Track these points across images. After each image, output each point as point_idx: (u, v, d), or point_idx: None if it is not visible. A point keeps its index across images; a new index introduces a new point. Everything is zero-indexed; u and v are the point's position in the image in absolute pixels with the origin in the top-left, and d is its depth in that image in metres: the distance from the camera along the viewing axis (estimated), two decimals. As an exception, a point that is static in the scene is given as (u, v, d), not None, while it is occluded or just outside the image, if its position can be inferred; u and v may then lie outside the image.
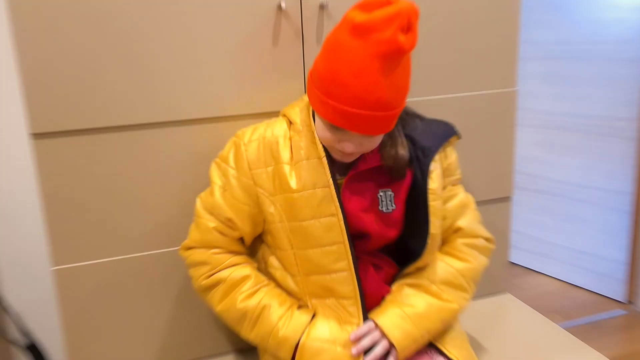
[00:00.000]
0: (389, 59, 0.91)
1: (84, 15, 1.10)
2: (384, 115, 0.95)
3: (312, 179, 1.04)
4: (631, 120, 2.17)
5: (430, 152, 1.09)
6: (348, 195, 1.07)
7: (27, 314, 1.47)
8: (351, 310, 1.07)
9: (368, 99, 0.93)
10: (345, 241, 1.05)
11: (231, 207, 1.09)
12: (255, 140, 1.09)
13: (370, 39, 0.90)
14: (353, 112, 0.93)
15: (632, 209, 2.24)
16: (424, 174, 1.08)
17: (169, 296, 1.29)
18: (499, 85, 1.45)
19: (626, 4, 2.12)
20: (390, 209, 1.09)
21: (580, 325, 2.21)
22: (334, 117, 0.96)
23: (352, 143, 0.99)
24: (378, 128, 0.97)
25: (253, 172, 1.07)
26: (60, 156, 1.14)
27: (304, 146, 1.06)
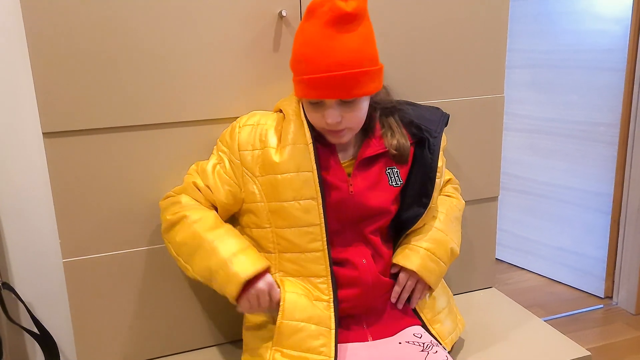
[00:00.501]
0: (337, 24, 1.01)
1: (94, 21, 1.13)
2: (343, 74, 1.01)
3: (296, 163, 1.10)
4: (612, 126, 2.22)
5: (437, 134, 1.19)
6: (357, 176, 1.15)
7: (39, 304, 1.50)
8: (322, 287, 1.12)
9: (326, 61, 1.02)
10: (322, 223, 1.10)
11: (217, 178, 1.16)
12: (250, 125, 1.16)
13: (315, 14, 1.03)
14: (317, 77, 1.02)
15: (611, 209, 2.29)
16: (434, 154, 1.17)
17: (175, 288, 1.32)
18: (487, 91, 1.49)
19: (609, 15, 2.16)
20: (399, 183, 1.17)
21: (560, 318, 2.25)
22: (307, 91, 1.06)
23: (331, 116, 1.06)
24: (344, 89, 1.03)
25: (241, 153, 1.14)
26: (70, 154, 1.17)
27: (292, 132, 1.12)
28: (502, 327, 1.41)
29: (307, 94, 1.07)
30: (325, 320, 1.09)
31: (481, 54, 1.47)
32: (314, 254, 1.12)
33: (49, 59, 1.12)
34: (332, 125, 1.07)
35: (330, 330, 1.09)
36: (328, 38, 1.02)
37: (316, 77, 1.02)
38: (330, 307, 1.11)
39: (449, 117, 1.26)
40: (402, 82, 1.37)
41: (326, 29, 1.02)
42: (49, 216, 1.46)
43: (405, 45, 1.39)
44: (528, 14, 2.45)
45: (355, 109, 1.08)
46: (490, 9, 1.45)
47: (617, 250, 2.33)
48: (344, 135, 1.11)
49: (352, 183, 1.14)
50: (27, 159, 1.42)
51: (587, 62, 2.26)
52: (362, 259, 1.15)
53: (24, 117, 1.41)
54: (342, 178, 1.14)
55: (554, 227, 2.52)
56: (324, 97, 1.05)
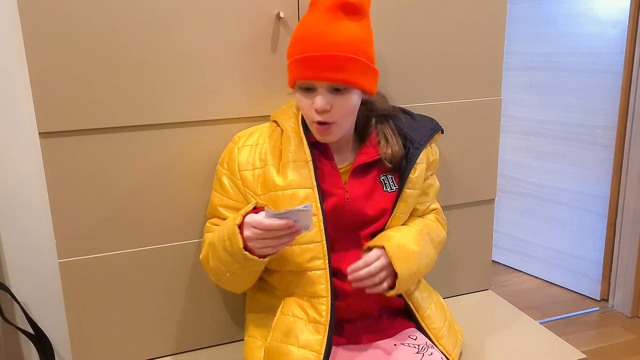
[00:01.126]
0: (337, 11, 1.04)
1: (91, 21, 1.13)
2: (339, 56, 1.02)
3: (297, 180, 1.10)
4: (608, 129, 2.23)
5: (419, 145, 1.18)
6: (353, 183, 1.15)
7: (34, 305, 1.50)
8: (320, 309, 1.09)
9: (320, 41, 1.03)
10: (323, 241, 1.09)
11: (224, 208, 1.17)
12: (248, 146, 1.16)
13: (318, 3, 1.06)
14: (311, 56, 1.03)
15: (607, 212, 2.30)
16: (410, 163, 1.16)
17: (170, 289, 1.32)
18: (484, 94, 1.50)
19: (606, 18, 2.17)
20: (394, 189, 1.17)
21: (556, 320, 2.26)
22: (298, 71, 1.06)
23: (321, 100, 1.05)
24: (335, 70, 1.03)
25: (241, 173, 1.14)
26: (67, 154, 1.17)
27: (292, 150, 1.12)
28: (498, 330, 1.42)
29: (298, 75, 1.06)
30: (314, 345, 1.06)
31: (479, 57, 1.47)
32: (315, 272, 1.10)
33: (46, 59, 1.12)
34: (321, 111, 1.06)
35: (320, 355, 1.05)
36: (326, 22, 1.04)
37: (309, 56, 1.03)
38: (324, 330, 1.07)
39: (442, 129, 1.27)
40: (400, 85, 1.38)
41: (326, 14, 1.04)
42: (44, 216, 1.46)
43: (403, 48, 1.39)
44: (526, 16, 2.47)
45: (345, 99, 1.07)
46: (487, 12, 1.45)
47: (613, 252, 2.34)
48: (331, 131, 1.10)
49: (348, 190, 1.14)
50: (24, 159, 1.42)
51: (585, 64, 2.27)
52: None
53: (20, 117, 1.41)
54: (338, 185, 1.14)
55: (551, 229, 2.53)
56: (315, 77, 1.04)
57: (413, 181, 1.17)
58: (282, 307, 1.12)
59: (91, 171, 1.20)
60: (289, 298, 1.13)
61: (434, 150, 1.26)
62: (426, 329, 1.18)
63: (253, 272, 1.10)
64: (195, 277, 1.34)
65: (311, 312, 1.09)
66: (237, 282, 1.12)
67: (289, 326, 1.09)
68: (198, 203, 1.29)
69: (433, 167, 1.27)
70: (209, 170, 1.27)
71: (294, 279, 1.12)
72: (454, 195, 1.52)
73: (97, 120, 1.18)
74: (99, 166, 1.20)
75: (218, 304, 1.37)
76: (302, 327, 1.08)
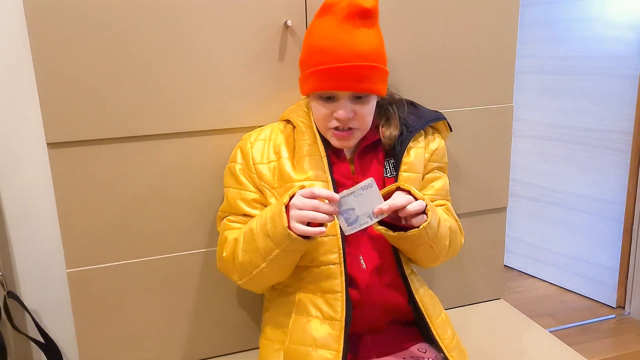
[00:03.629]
0: (355, 19, 1.03)
1: (98, 32, 1.13)
2: (362, 66, 1.02)
3: (314, 173, 1.11)
4: (624, 134, 2.20)
5: (414, 129, 1.18)
6: (359, 171, 1.15)
7: (44, 313, 1.51)
8: (335, 304, 1.08)
9: (343, 52, 1.02)
10: (337, 234, 1.09)
11: (244, 203, 1.15)
12: (262, 140, 1.17)
13: (332, 10, 1.05)
14: (334, 67, 1.02)
15: (623, 218, 2.26)
16: (402, 146, 1.16)
17: (178, 298, 1.32)
18: (496, 101, 1.48)
19: (622, 22, 2.13)
20: (394, 174, 1.16)
21: (571, 328, 2.22)
22: (321, 83, 1.05)
23: (343, 110, 1.05)
24: (359, 80, 1.04)
25: (256, 167, 1.15)
26: (74, 164, 1.18)
27: (307, 145, 1.13)
28: (508, 341, 1.41)
29: (321, 86, 1.05)
30: (331, 344, 1.06)
31: (490, 64, 1.46)
32: (330, 267, 1.09)
33: (53, 71, 1.13)
34: (343, 120, 1.07)
35: (338, 352, 1.05)
36: (346, 31, 1.03)
37: (332, 67, 1.02)
38: (340, 326, 1.07)
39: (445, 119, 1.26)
40: (411, 91, 1.37)
41: (345, 23, 1.03)
42: (54, 226, 1.47)
43: (414, 55, 1.38)
44: (539, 20, 2.44)
45: (366, 106, 1.08)
46: (499, 19, 1.44)
47: (630, 259, 2.30)
48: (351, 137, 1.11)
49: (358, 180, 1.11)
50: (33, 169, 1.43)
51: (600, 68, 2.24)
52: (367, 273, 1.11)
53: (28, 128, 1.42)
54: (347, 176, 1.15)
55: (566, 235, 2.50)
56: (339, 88, 1.04)
57: (409, 165, 1.16)
58: (296, 308, 1.12)
59: (98, 181, 1.21)
60: (303, 296, 1.12)
61: (436, 140, 1.24)
62: (438, 339, 1.14)
63: (291, 260, 1.08)
64: (203, 286, 1.34)
65: (326, 309, 1.09)
66: (269, 274, 1.08)
67: (304, 328, 1.09)
68: (206, 212, 1.30)
69: (437, 159, 1.23)
70: (217, 180, 1.27)
71: (307, 275, 1.11)
72: (465, 203, 1.51)
73: (104, 130, 1.19)
74: (106, 176, 1.21)
75: (226, 313, 1.37)
76: (318, 326, 1.08)
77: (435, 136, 1.25)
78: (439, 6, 1.37)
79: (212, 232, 1.30)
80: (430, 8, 1.37)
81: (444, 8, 1.38)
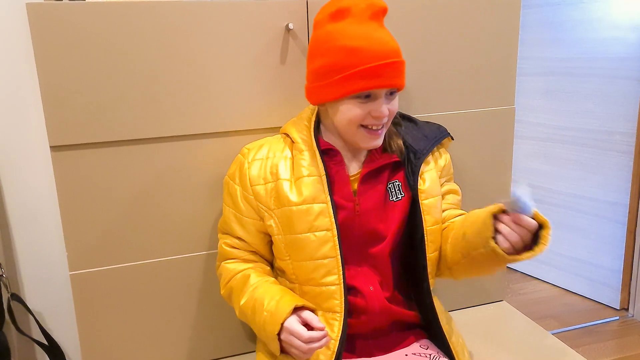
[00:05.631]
0: (379, 17, 1.05)
1: (101, 35, 1.14)
2: (399, 62, 1.04)
3: (311, 195, 1.08)
4: (627, 135, 2.19)
5: (421, 154, 1.16)
6: (362, 194, 1.12)
7: (48, 315, 1.52)
8: (332, 324, 1.08)
9: (384, 49, 1.02)
10: (337, 256, 1.08)
11: (239, 225, 1.15)
12: (259, 160, 1.14)
13: (352, 12, 1.04)
14: (379, 65, 1.01)
15: (626, 219, 2.25)
16: (415, 174, 1.14)
17: (180, 301, 1.33)
18: (497, 103, 1.48)
19: (625, 23, 2.13)
20: (400, 197, 1.14)
21: (575, 330, 2.22)
22: (363, 82, 1.02)
23: (384, 107, 1.05)
24: (398, 77, 1.04)
25: (253, 188, 1.12)
26: (77, 167, 1.18)
27: (305, 164, 1.10)
28: (511, 343, 1.40)
29: (364, 86, 1.02)
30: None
31: (492, 66, 1.46)
32: (329, 288, 1.09)
33: (56, 75, 1.13)
34: (381, 118, 1.05)
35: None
36: (376, 30, 1.04)
37: (376, 65, 1.01)
38: (334, 345, 1.06)
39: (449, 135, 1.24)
40: (412, 94, 1.37)
41: (371, 23, 1.04)
42: (57, 228, 1.48)
43: (415, 58, 1.38)
44: (542, 21, 2.43)
45: (395, 102, 1.08)
46: (500, 22, 1.44)
47: (633, 261, 2.29)
48: (381, 134, 1.09)
49: (359, 202, 1.12)
50: (36, 172, 1.44)
51: (603, 70, 2.23)
52: (369, 286, 1.12)
53: (31, 131, 1.43)
54: (348, 197, 1.12)
55: (569, 237, 2.49)
56: (383, 85, 1.03)
57: (426, 192, 1.15)
58: None
59: (101, 184, 1.21)
60: None
61: (443, 156, 1.22)
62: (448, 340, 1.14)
63: None
64: (205, 288, 1.34)
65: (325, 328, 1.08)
66: None
67: None
68: (208, 215, 1.30)
69: (445, 173, 1.23)
70: (218, 183, 1.27)
71: (309, 291, 1.11)
72: (467, 206, 1.50)
73: (107, 133, 1.19)
74: (109, 179, 1.21)
75: (228, 316, 1.37)
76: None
77: (442, 152, 1.23)
78: (440, 8, 1.37)
79: (213, 236, 1.31)
80: (431, 10, 1.37)
81: (444, 10, 1.38)
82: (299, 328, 0.99)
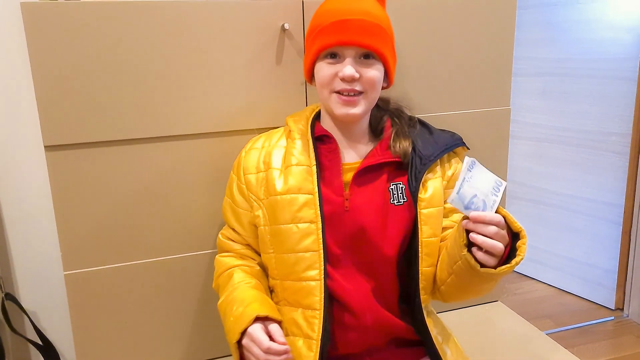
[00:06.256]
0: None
1: (94, 35, 1.13)
2: (367, 21, 1.00)
3: (297, 184, 1.04)
4: (623, 136, 2.19)
5: (427, 160, 1.08)
6: (355, 189, 1.06)
7: (42, 315, 1.52)
8: (313, 322, 1.03)
9: (350, 8, 1.00)
10: (320, 250, 1.03)
11: (234, 216, 1.14)
12: (256, 149, 1.13)
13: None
14: (338, 21, 1.00)
15: (622, 220, 2.26)
16: (417, 181, 1.06)
17: (175, 301, 1.32)
18: (493, 104, 1.48)
19: (621, 24, 2.13)
20: (402, 202, 1.06)
21: (570, 330, 2.22)
22: (324, 38, 1.01)
23: (348, 68, 1.00)
24: (367, 37, 1.00)
25: (246, 177, 1.11)
26: (72, 167, 1.18)
27: (296, 153, 1.07)
28: (506, 343, 1.40)
29: (327, 42, 1.00)
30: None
31: (487, 67, 1.46)
32: (310, 283, 1.04)
33: (51, 74, 1.13)
34: (348, 79, 1.00)
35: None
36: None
37: (337, 21, 0.99)
38: (316, 346, 1.01)
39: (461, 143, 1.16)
40: (408, 94, 1.36)
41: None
42: (51, 228, 1.47)
43: (411, 58, 1.38)
44: (538, 22, 2.43)
45: (371, 68, 1.02)
46: (495, 23, 1.44)
47: (628, 261, 2.30)
48: (357, 103, 1.03)
49: (349, 197, 1.05)
50: (31, 171, 1.44)
51: (599, 71, 2.24)
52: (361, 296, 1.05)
53: (26, 131, 1.43)
54: (338, 191, 1.06)
55: (564, 237, 2.50)
56: (346, 41, 0.99)
57: (427, 201, 1.06)
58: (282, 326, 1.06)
59: (96, 184, 1.21)
60: (288, 310, 1.08)
61: (453, 166, 1.13)
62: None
63: None
64: (200, 288, 1.34)
65: (304, 327, 1.04)
66: None
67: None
68: (203, 215, 1.30)
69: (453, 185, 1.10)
70: (214, 183, 1.27)
71: (290, 286, 1.06)
72: (462, 206, 1.50)
73: (102, 133, 1.19)
74: (104, 179, 1.21)
75: (223, 316, 1.37)
76: (298, 344, 1.04)
77: (453, 162, 1.14)
78: (436, 9, 1.37)
79: (208, 235, 1.30)
80: (426, 11, 1.37)
81: (440, 11, 1.38)
82: (260, 336, 0.95)
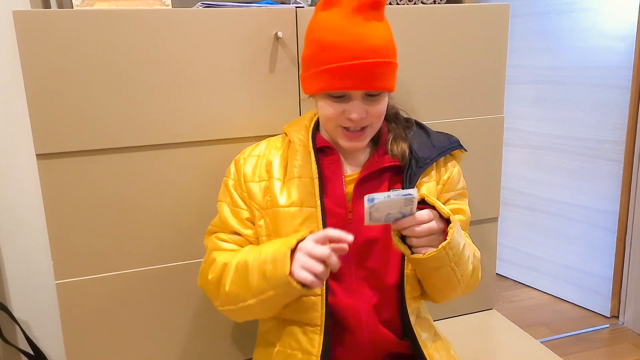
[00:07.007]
0: (365, 11, 0.95)
1: (87, 44, 1.13)
2: (377, 62, 0.95)
3: (300, 197, 1.03)
4: (617, 143, 2.20)
5: (424, 163, 1.08)
6: (358, 200, 1.04)
7: (34, 324, 1.51)
8: (313, 338, 1.02)
9: (357, 48, 0.94)
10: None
11: (236, 218, 1.09)
12: (255, 157, 1.11)
13: (340, 2, 0.96)
14: (347, 65, 0.94)
15: (616, 227, 2.26)
16: (412, 183, 1.06)
17: (168, 310, 1.32)
18: (486, 112, 1.48)
19: (614, 32, 2.14)
20: None
21: (565, 338, 2.22)
22: (332, 82, 0.96)
23: (356, 110, 0.97)
24: (375, 78, 0.96)
25: (247, 185, 1.08)
26: (63, 175, 1.18)
27: (298, 165, 1.06)
28: (501, 352, 1.40)
29: (333, 85, 0.96)
30: None
31: (481, 75, 1.46)
32: (311, 298, 1.02)
33: (43, 83, 1.13)
34: (357, 121, 0.98)
35: None
36: (357, 25, 0.95)
37: (346, 65, 0.93)
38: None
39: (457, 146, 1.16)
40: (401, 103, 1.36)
41: (354, 16, 0.95)
42: (43, 237, 1.47)
43: (404, 66, 1.37)
44: (532, 30, 2.44)
45: (379, 104, 1.00)
46: (489, 32, 1.44)
47: (623, 268, 2.30)
48: (363, 137, 1.02)
49: (352, 209, 1.05)
50: (23, 180, 1.44)
51: (593, 79, 2.25)
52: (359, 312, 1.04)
53: (18, 139, 1.42)
54: (340, 203, 1.05)
55: (559, 244, 2.50)
56: (353, 87, 0.96)
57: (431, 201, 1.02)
58: (281, 340, 1.07)
59: (88, 192, 1.20)
60: (287, 326, 1.06)
61: (449, 169, 1.13)
62: None
63: (282, 302, 1.00)
64: (193, 297, 1.33)
65: (304, 343, 1.03)
66: (254, 311, 1.01)
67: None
68: (196, 224, 1.29)
69: (450, 188, 1.12)
70: (207, 191, 1.27)
71: (288, 305, 1.04)
72: (457, 214, 1.50)
73: (94, 141, 1.18)
74: (96, 187, 1.21)
75: (216, 326, 1.36)
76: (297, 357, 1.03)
77: (450, 165, 1.13)
78: (429, 17, 1.38)
79: (200, 244, 1.29)
80: (420, 18, 1.37)
81: (433, 19, 1.38)
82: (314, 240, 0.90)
